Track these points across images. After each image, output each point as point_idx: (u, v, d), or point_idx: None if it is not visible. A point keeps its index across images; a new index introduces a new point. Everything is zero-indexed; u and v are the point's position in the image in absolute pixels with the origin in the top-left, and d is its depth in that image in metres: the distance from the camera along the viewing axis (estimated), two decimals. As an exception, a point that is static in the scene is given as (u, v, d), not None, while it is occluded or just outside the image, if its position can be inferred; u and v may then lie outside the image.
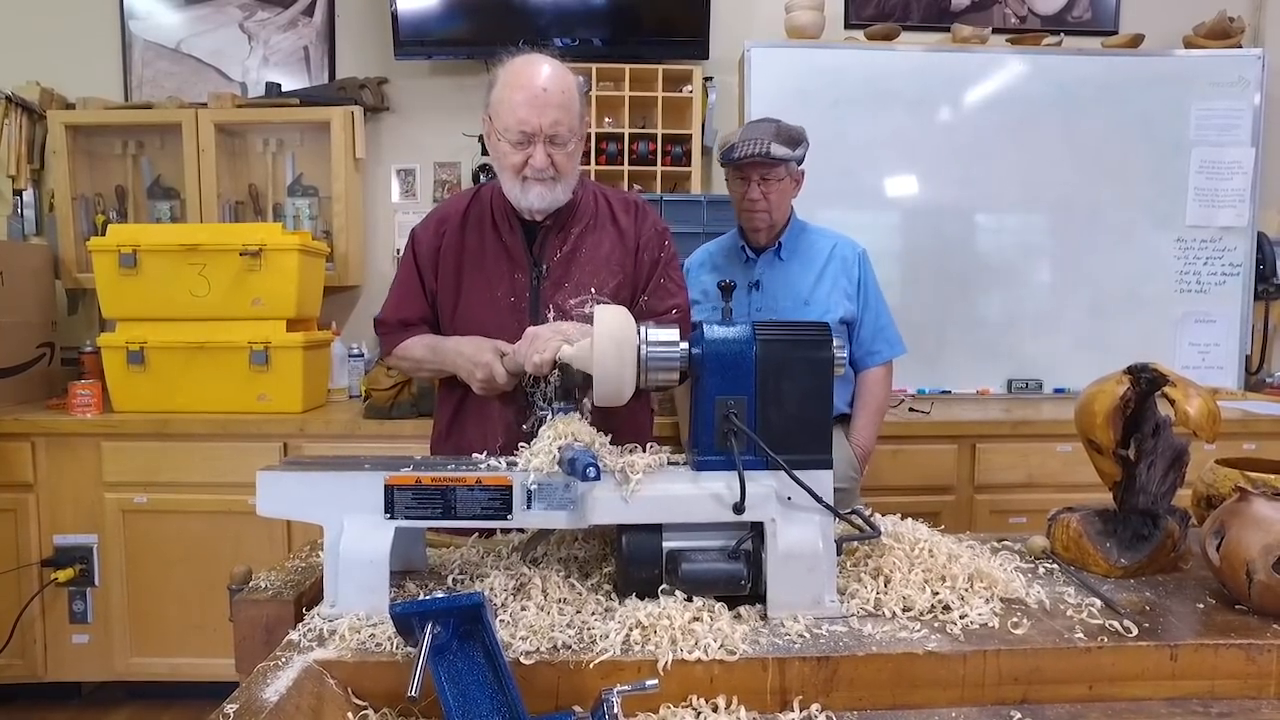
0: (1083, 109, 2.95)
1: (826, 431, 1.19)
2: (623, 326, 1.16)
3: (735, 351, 1.16)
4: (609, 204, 1.61)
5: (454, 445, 1.60)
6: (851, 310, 2.05)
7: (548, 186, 1.46)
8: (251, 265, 2.51)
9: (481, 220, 1.57)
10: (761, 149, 1.94)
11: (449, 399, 1.60)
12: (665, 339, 1.17)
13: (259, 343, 2.53)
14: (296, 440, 2.50)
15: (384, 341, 1.62)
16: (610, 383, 1.15)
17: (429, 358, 1.54)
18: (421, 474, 1.14)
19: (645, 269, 1.60)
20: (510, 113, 1.42)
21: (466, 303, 1.54)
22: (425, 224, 1.61)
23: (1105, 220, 2.98)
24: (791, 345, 1.17)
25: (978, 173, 2.98)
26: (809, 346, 1.18)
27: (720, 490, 1.14)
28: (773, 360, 1.16)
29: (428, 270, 1.57)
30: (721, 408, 1.16)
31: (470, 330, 1.52)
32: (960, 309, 3.00)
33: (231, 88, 3.09)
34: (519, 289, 1.53)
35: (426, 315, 1.59)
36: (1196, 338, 2.99)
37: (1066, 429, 2.56)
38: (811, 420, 1.18)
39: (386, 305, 1.62)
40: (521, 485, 1.13)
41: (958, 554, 1.22)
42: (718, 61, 3.05)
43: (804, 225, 2.13)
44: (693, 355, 1.17)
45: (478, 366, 1.42)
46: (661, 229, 1.64)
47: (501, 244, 1.55)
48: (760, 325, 1.19)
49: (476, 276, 1.54)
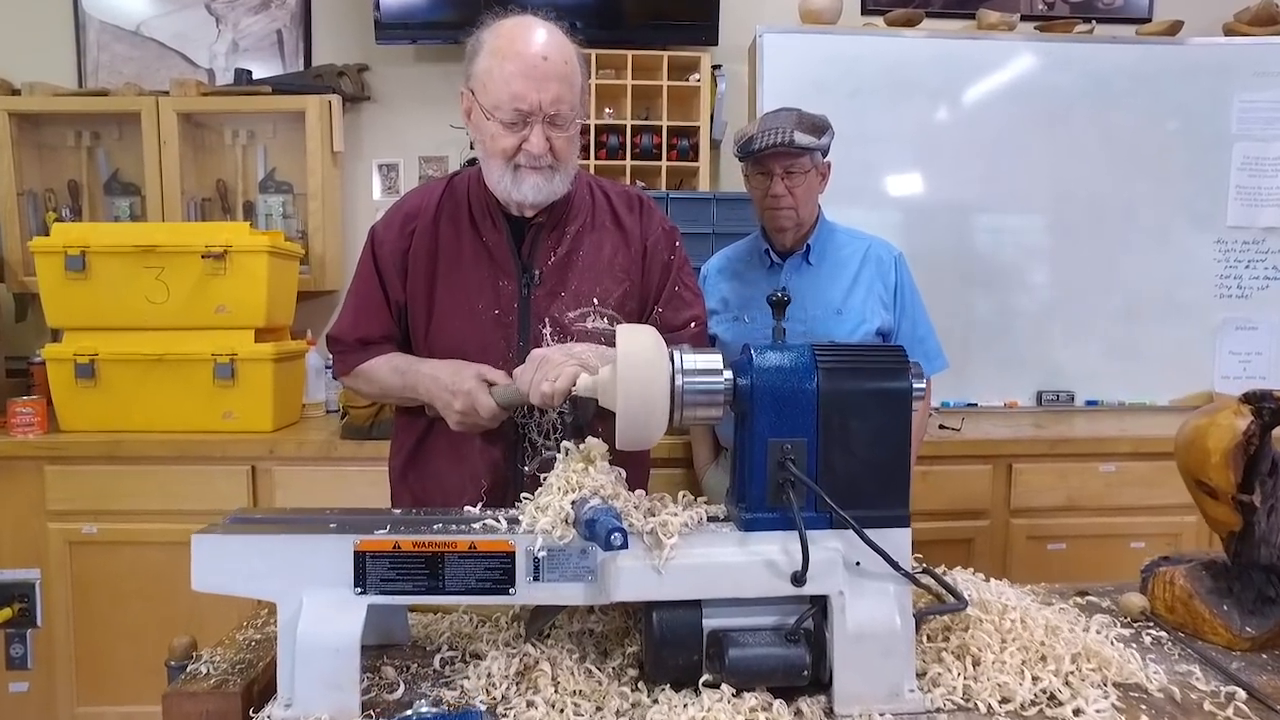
0: (1116, 101, 2.76)
1: (904, 480, 0.97)
2: (652, 351, 0.93)
3: (792, 383, 0.94)
4: (608, 199, 1.39)
5: (419, 488, 1.36)
6: (888, 320, 1.83)
7: (545, 176, 1.23)
8: (215, 269, 2.27)
9: (457, 216, 1.33)
10: (784, 138, 1.73)
11: (410, 426, 1.36)
12: (705, 366, 0.95)
13: (224, 354, 2.30)
14: (266, 463, 2.27)
15: (339, 363, 1.38)
16: (637, 422, 0.92)
17: (396, 382, 1.30)
18: (400, 537, 0.92)
19: (656, 275, 1.38)
20: (502, 86, 1.18)
21: (441, 317, 1.30)
22: (388, 221, 1.36)
23: (1140, 220, 2.79)
24: (862, 374, 0.96)
25: (1004, 169, 2.78)
26: (883, 375, 0.96)
27: (774, 556, 0.92)
28: (839, 393, 0.94)
29: (393, 277, 1.32)
30: (776, 453, 0.94)
31: (447, 350, 1.29)
32: (985, 315, 2.80)
33: (197, 74, 2.85)
34: (505, 299, 1.29)
35: (391, 332, 1.35)
36: (1237, 346, 2.81)
37: (1109, 447, 2.37)
38: (886, 467, 0.96)
39: (341, 320, 1.37)
40: (527, 552, 0.91)
41: (1056, 625, 1.01)
42: (727, 49, 2.84)
43: (833, 226, 1.91)
44: (739, 387, 0.95)
45: (457, 396, 1.19)
46: (670, 228, 1.42)
47: (483, 245, 1.31)
48: (821, 349, 0.97)
49: (453, 285, 1.30)
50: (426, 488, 1.34)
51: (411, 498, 1.35)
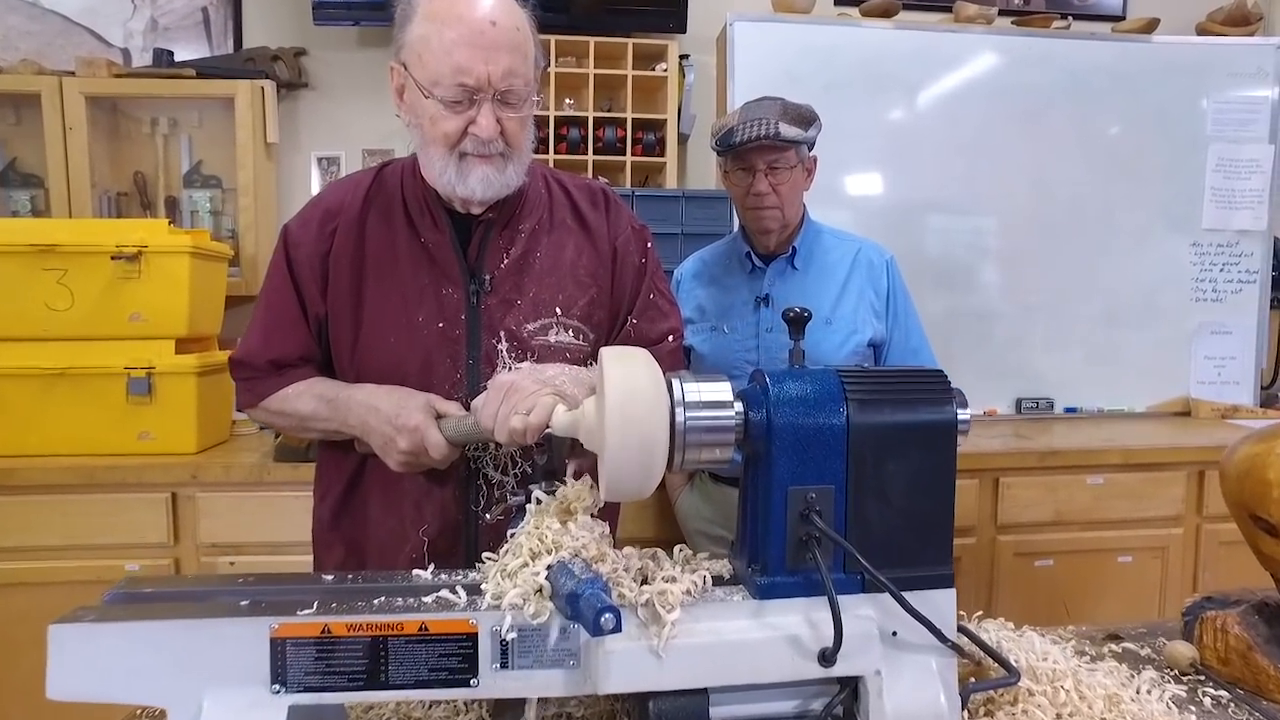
0: (1095, 99, 2.68)
1: (947, 532, 0.82)
2: (647, 380, 0.76)
3: (817, 417, 0.78)
4: (568, 194, 1.20)
5: (352, 540, 1.14)
6: (880, 330, 1.69)
7: (495, 167, 1.05)
8: (128, 271, 2.02)
9: (389, 212, 1.13)
10: (768, 130, 1.57)
11: (338, 466, 1.15)
12: (712, 398, 0.77)
13: (139, 367, 2.05)
14: (188, 489, 2.03)
15: (244, 392, 1.15)
16: (629, 469, 0.74)
17: (321, 414, 1.08)
18: (331, 618, 0.72)
19: (627, 281, 1.20)
20: (442, 57, 0.99)
21: (371, 332, 1.10)
22: (304, 218, 1.15)
23: (1118, 222, 2.73)
24: (900, 404, 0.80)
25: (983, 168, 2.68)
26: (925, 405, 0.81)
27: (797, 630, 0.76)
28: (873, 429, 0.78)
29: (310, 285, 1.11)
30: (798, 503, 0.77)
31: (379, 371, 1.08)
32: (964, 319, 2.69)
33: (110, 54, 2.56)
34: (450, 310, 1.10)
35: (310, 352, 1.14)
36: (1212, 350, 2.76)
37: (1097, 458, 2.28)
38: (928, 517, 0.81)
39: (248, 339, 1.14)
40: (493, 633, 0.73)
41: (1116, 695, 0.87)
42: (695, 37, 2.68)
43: (819, 227, 1.76)
44: (752, 423, 0.78)
45: (401, 432, 1.00)
46: (640, 227, 1.25)
47: (421, 246, 1.11)
48: (850, 376, 0.81)
49: (385, 293, 1.10)
50: (360, 539, 1.13)
51: (343, 551, 1.15)
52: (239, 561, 2.05)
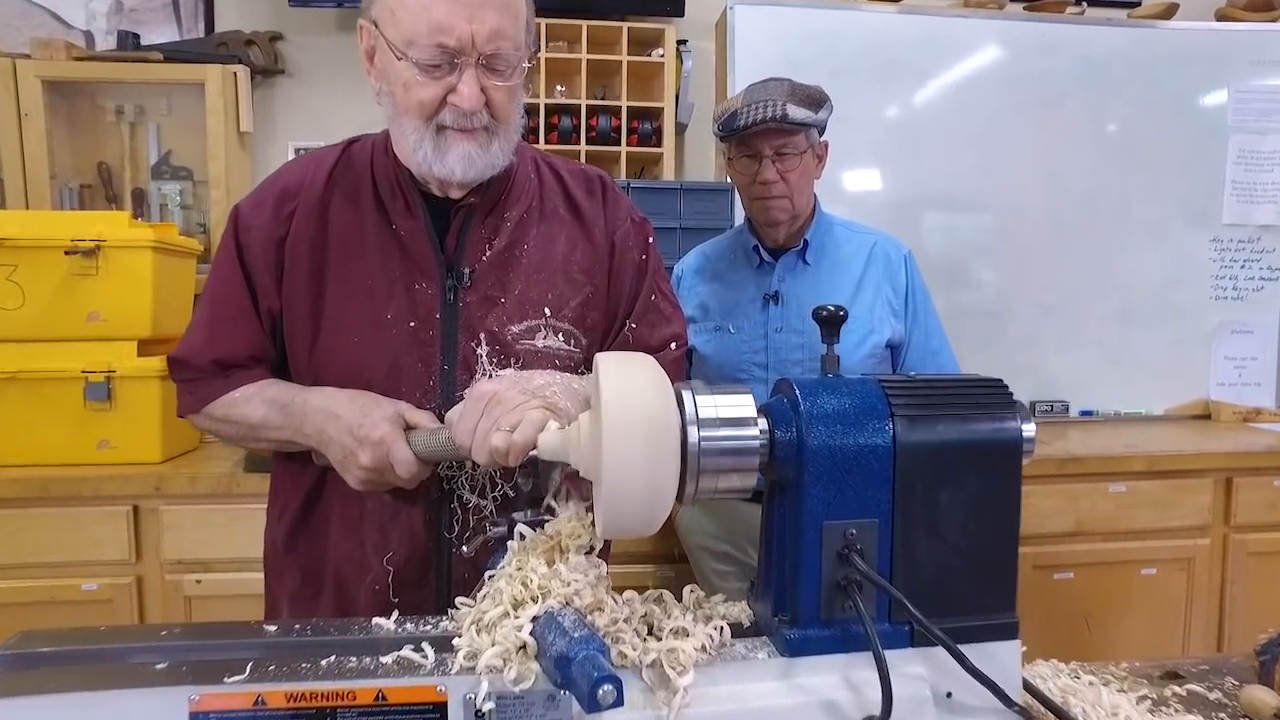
0: (1110, 88, 2.57)
1: (1010, 572, 0.70)
2: (652, 393, 0.63)
3: (858, 436, 0.65)
4: (561, 181, 1.07)
5: (307, 564, 1.01)
6: (898, 330, 1.57)
7: (478, 143, 0.92)
8: (85, 268, 1.87)
9: (357, 195, 0.99)
10: (775, 112, 1.45)
11: (294, 481, 1.02)
12: (733, 413, 0.65)
13: (98, 371, 1.90)
14: (151, 502, 1.89)
15: (185, 396, 1.01)
16: (631, 500, 0.61)
17: (272, 421, 0.95)
18: (266, 686, 0.59)
19: (626, 280, 1.07)
20: (419, 12, 0.86)
21: (333, 330, 0.97)
22: (258, 198, 1.01)
23: (1134, 217, 2.61)
24: (956, 419, 0.67)
25: (995, 160, 2.56)
26: (984, 419, 0.68)
27: (834, 694, 0.63)
28: (926, 450, 0.66)
29: (264, 275, 0.98)
30: (835, 540, 0.64)
31: (341, 375, 0.95)
32: (973, 318, 2.57)
33: (72, 37, 2.41)
34: (424, 307, 0.97)
35: (262, 351, 1.00)
36: (1233, 351, 2.65)
37: (1119, 465, 2.16)
38: (989, 554, 0.68)
39: (191, 336, 1.01)
40: (466, 702, 0.60)
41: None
42: (694, 22, 2.55)
43: (831, 219, 1.64)
44: (779, 444, 0.65)
45: (364, 445, 0.86)
46: (640, 220, 1.12)
47: (392, 234, 0.98)
48: (894, 385, 0.68)
49: (350, 286, 0.97)
50: (317, 566, 1.00)
51: (298, 578, 1.01)
52: (206, 579, 1.91)
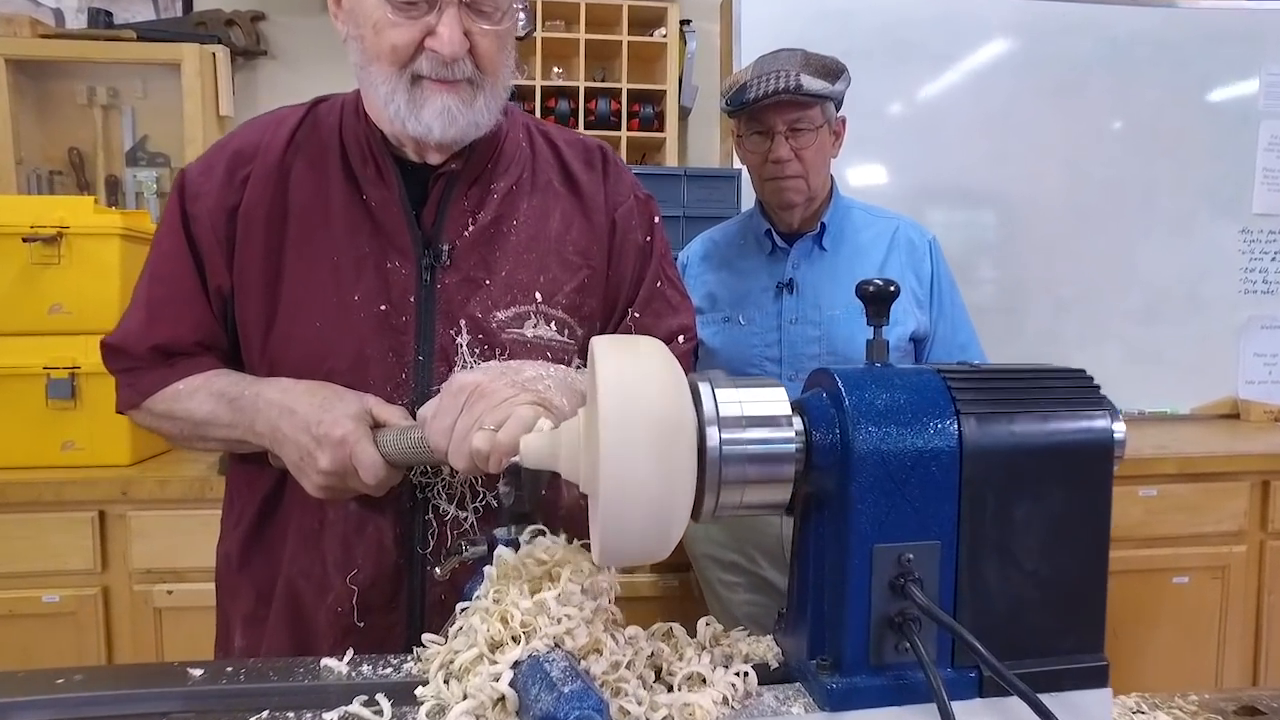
0: (1136, 71, 2.45)
1: (1099, 604, 0.57)
2: (660, 381, 0.50)
3: (915, 439, 0.52)
4: (555, 150, 0.95)
5: (262, 583, 0.89)
6: (923, 322, 1.45)
7: (460, 97, 0.80)
8: (46, 256, 1.75)
9: (322, 160, 0.87)
10: (789, 83, 1.33)
11: (250, 486, 0.89)
12: (763, 410, 0.52)
13: (61, 367, 1.78)
14: (119, 507, 1.77)
15: (124, 388, 0.89)
16: (635, 520, 0.49)
17: (220, 417, 0.82)
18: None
19: (628, 263, 0.95)
20: None
21: (293, 313, 0.84)
22: (207, 163, 0.89)
23: (1160, 207, 2.49)
24: (1033, 416, 0.55)
25: (1012, 147, 2.44)
26: (1068, 417, 0.56)
27: (893, 761, 0.50)
28: (1000, 454, 0.53)
29: (213, 251, 0.86)
30: (888, 567, 0.52)
31: (300, 365, 0.83)
32: (991, 313, 2.44)
33: (40, 14, 2.28)
34: (397, 289, 0.85)
35: (209, 335, 0.88)
36: (1262, 347, 2.53)
37: (1150, 467, 2.03)
38: (1073, 584, 0.56)
39: (129, 319, 0.88)
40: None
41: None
42: (697, 2, 2.43)
43: (849, 201, 1.52)
44: (817, 448, 0.53)
45: (324, 445, 0.74)
46: (645, 197, 1.00)
47: (361, 205, 0.86)
48: (955, 376, 0.56)
49: (312, 264, 0.85)
50: (271, 585, 0.87)
51: (252, 598, 0.89)
52: (178, 590, 1.78)
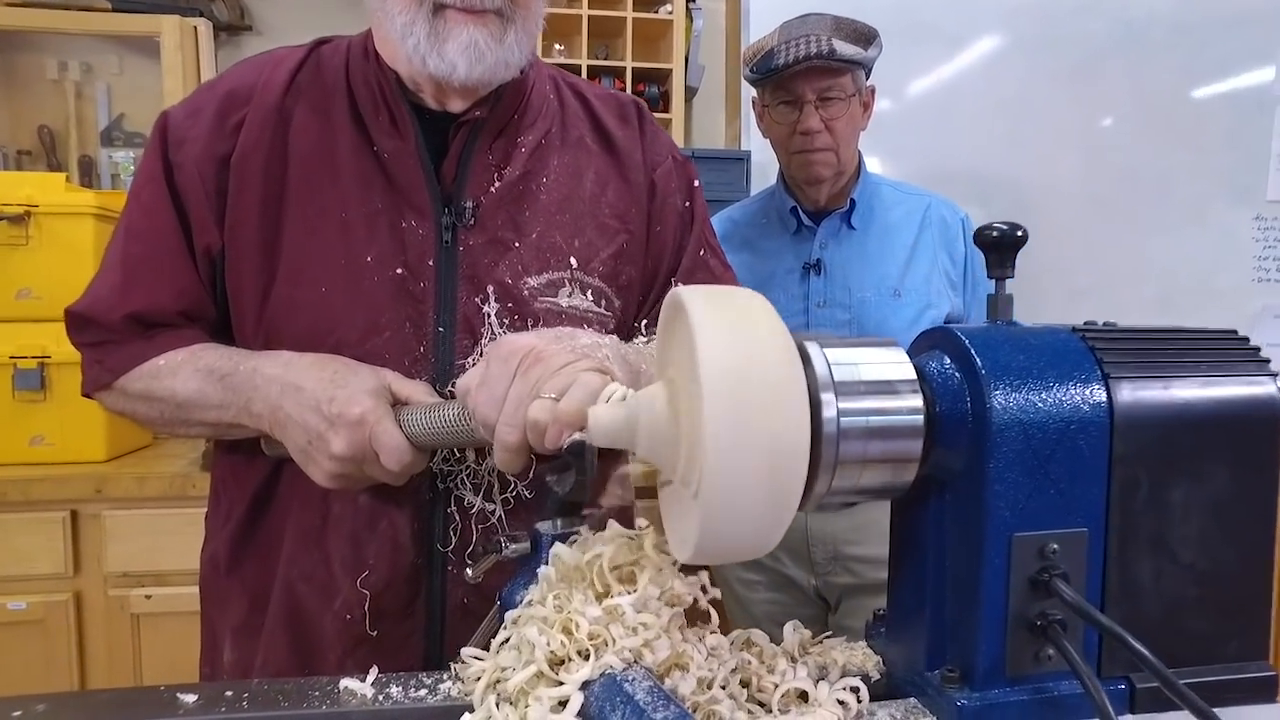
0: (1152, 54, 2.39)
1: (1264, 603, 0.48)
2: (773, 341, 0.41)
3: (1056, 409, 0.44)
4: (586, 104, 0.86)
5: (256, 587, 0.78)
6: (957, 305, 1.37)
7: (489, 32, 0.70)
8: (13, 237, 1.64)
9: (328, 106, 0.76)
10: (820, 47, 1.24)
11: (241, 479, 0.78)
12: (885, 374, 0.43)
13: (29, 356, 1.67)
14: (93, 506, 1.65)
15: (91, 364, 0.77)
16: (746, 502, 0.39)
17: (210, 397, 0.71)
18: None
19: (669, 229, 0.86)
20: None
21: (294, 277, 0.73)
22: (194, 106, 0.77)
23: (1176, 193, 2.43)
24: (1193, 380, 0.46)
25: (1027, 132, 2.38)
26: (1229, 378, 0.47)
27: (1046, 800, 0.41)
28: (1154, 425, 0.44)
29: (201, 205, 0.74)
30: (1027, 560, 0.43)
31: (303, 336, 0.72)
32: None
33: (8, -16, 2.15)
34: (414, 251, 0.74)
35: (195, 303, 0.77)
36: (1275, 337, 2.47)
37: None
38: (1235, 577, 0.47)
39: (99, 284, 0.77)
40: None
41: None
42: (702, -21, 2.34)
43: (878, 179, 1.44)
44: (943, 420, 0.44)
45: (337, 426, 0.64)
46: (683, 159, 0.91)
47: (374, 157, 0.76)
48: (1099, 336, 0.47)
49: (317, 221, 0.74)
50: (267, 589, 0.76)
51: (245, 605, 0.78)
52: (158, 594, 1.67)
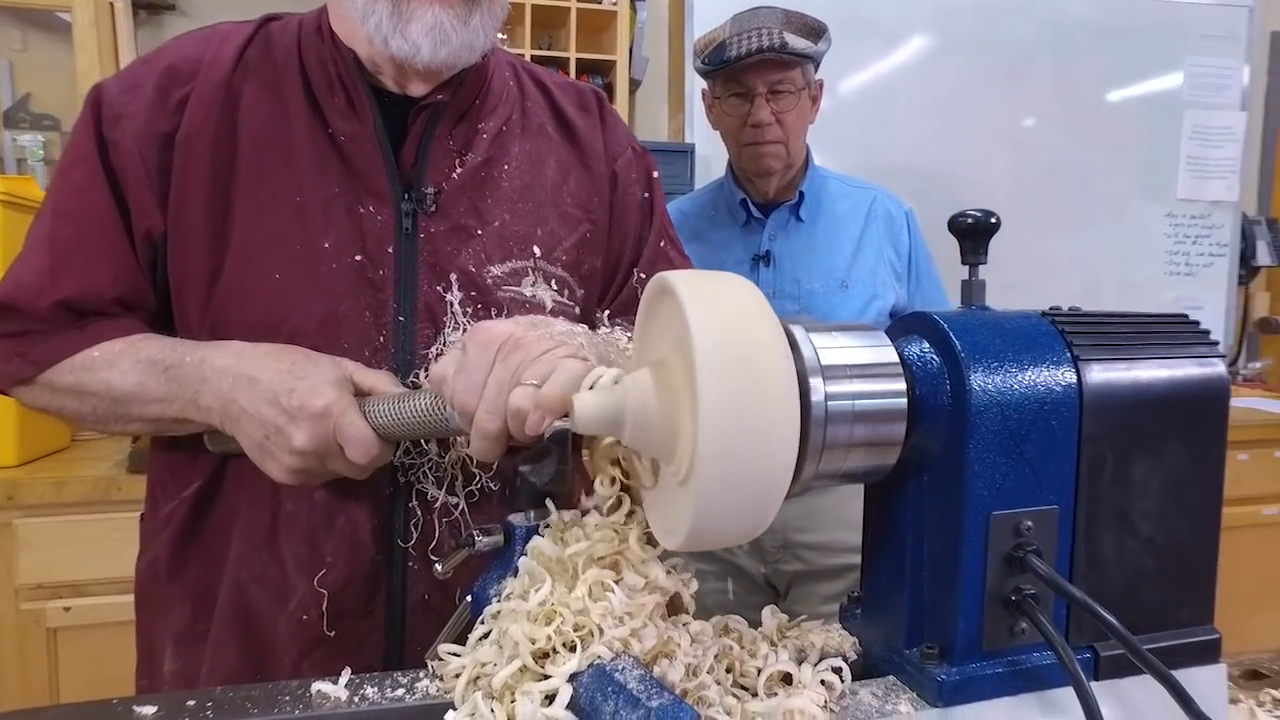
0: (1078, 56, 2.50)
1: (1210, 572, 0.51)
2: (762, 325, 0.41)
3: (1031, 390, 0.45)
4: (546, 91, 0.84)
5: (200, 591, 0.73)
6: (901, 296, 1.40)
7: (453, 10, 0.68)
8: (-91, 225, 1.50)
9: (279, 86, 0.73)
10: (772, 41, 1.26)
11: (181, 478, 0.74)
12: (869, 358, 0.43)
13: (-70, 354, 1.52)
14: (4, 514, 1.55)
15: (15, 353, 0.70)
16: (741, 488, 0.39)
17: (151, 390, 0.67)
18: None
19: (630, 219, 0.85)
20: None
21: (244, 264, 0.69)
22: (131, 80, 0.72)
23: (1097, 191, 2.56)
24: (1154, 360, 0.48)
25: (962, 129, 2.46)
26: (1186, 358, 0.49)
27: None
28: (1120, 405, 0.46)
29: (140, 184, 0.69)
30: (1003, 537, 0.44)
31: (254, 327, 0.68)
32: (941, 297, 2.46)
33: (-104, -50, 1.99)
34: (372, 238, 0.71)
35: (134, 290, 0.71)
36: (1187, 328, 2.64)
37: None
38: (1187, 552, 0.49)
39: (22, 267, 0.71)
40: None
41: None
42: (646, -30, 2.32)
43: (825, 172, 1.46)
44: (924, 403, 0.45)
45: (298, 419, 0.61)
46: (642, 150, 0.90)
47: (329, 140, 0.72)
48: (1061, 318, 0.48)
49: (269, 204, 0.70)
50: (213, 591, 0.72)
51: (188, 611, 0.73)
52: (77, 606, 1.57)
